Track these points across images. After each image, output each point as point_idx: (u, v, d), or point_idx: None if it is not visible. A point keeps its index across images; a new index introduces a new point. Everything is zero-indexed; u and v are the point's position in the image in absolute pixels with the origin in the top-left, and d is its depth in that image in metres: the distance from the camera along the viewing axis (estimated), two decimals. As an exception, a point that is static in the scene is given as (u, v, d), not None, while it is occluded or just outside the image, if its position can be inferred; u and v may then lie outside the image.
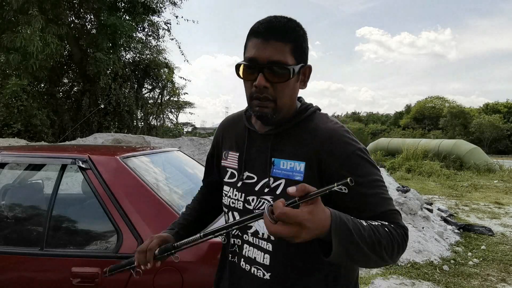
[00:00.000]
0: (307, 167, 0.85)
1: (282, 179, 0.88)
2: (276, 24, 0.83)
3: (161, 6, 13.79)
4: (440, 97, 44.88)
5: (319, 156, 0.85)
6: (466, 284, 3.58)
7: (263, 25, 0.84)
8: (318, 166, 0.85)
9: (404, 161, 14.38)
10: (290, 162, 0.87)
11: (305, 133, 0.89)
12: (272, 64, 0.82)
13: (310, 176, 0.85)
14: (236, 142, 1.00)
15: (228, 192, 0.99)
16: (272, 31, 0.82)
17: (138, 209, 1.59)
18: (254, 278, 0.91)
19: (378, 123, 50.88)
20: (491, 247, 4.73)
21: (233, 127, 1.04)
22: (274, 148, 0.91)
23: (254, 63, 0.83)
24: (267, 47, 0.82)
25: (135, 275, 0.99)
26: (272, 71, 0.82)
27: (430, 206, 6.32)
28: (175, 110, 20.67)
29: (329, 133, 0.86)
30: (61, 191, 1.84)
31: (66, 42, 12.05)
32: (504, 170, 14.03)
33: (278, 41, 0.82)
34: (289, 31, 0.84)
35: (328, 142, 0.85)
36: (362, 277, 3.62)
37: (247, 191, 0.94)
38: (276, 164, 0.89)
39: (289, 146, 0.89)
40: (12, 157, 1.92)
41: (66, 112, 13.13)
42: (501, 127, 34.17)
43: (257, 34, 0.84)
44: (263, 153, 0.92)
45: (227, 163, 1.01)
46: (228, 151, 1.02)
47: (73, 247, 1.77)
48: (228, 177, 1.00)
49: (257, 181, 0.92)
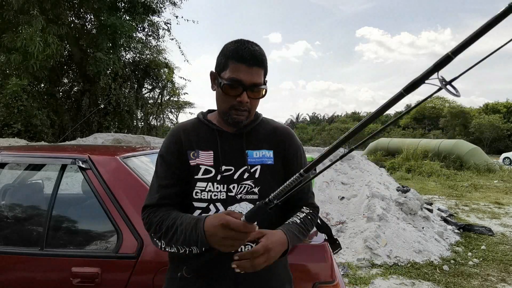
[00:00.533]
0: (275, 154, 1.17)
1: (258, 165, 1.14)
2: (256, 53, 1.06)
3: (161, 6, 13.81)
4: (440, 97, 44.84)
5: (283, 145, 1.19)
6: (466, 284, 3.58)
7: (247, 53, 1.05)
8: (282, 152, 1.18)
9: (404, 161, 14.39)
10: (261, 152, 1.16)
11: (267, 131, 1.20)
12: (254, 85, 1.07)
13: (277, 160, 1.17)
14: (205, 142, 1.15)
15: (205, 187, 1.10)
16: (254, 59, 1.06)
17: (138, 209, 1.59)
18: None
19: (378, 123, 50.88)
20: (491, 247, 4.73)
21: (193, 131, 1.17)
22: (247, 142, 1.15)
23: (239, 83, 1.06)
24: (251, 72, 1.06)
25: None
26: (252, 91, 1.08)
27: (430, 206, 6.32)
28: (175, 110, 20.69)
29: (286, 130, 1.23)
30: (61, 191, 1.83)
31: (66, 42, 12.06)
32: (504, 170, 14.04)
33: (258, 67, 1.07)
34: (263, 59, 1.09)
35: (288, 136, 1.21)
36: (362, 277, 3.62)
37: (227, 182, 1.11)
38: (250, 154, 1.14)
39: (257, 140, 1.17)
40: (12, 157, 1.92)
41: (66, 112, 13.14)
42: (501, 127, 34.15)
43: (242, 60, 1.05)
44: (237, 147, 1.14)
45: (200, 161, 1.13)
46: (196, 151, 1.14)
47: (73, 247, 1.77)
48: (202, 174, 1.11)
49: (234, 171, 1.12)
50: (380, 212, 4.72)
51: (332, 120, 55.26)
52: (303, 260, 1.51)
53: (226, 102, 1.09)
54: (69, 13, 12.56)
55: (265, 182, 1.12)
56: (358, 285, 3.48)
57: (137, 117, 15.06)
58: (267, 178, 1.13)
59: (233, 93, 1.07)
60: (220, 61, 1.10)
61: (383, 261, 3.96)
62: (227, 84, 1.06)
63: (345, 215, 5.11)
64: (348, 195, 5.70)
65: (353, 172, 6.59)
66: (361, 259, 3.98)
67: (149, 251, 1.52)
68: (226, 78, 1.06)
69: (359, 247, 4.21)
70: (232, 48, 1.07)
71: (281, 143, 1.19)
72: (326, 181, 6.15)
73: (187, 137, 1.16)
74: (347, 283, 3.51)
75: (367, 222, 4.63)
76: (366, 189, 5.62)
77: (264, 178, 1.13)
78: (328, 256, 1.53)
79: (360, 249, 4.17)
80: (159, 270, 1.46)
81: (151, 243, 1.12)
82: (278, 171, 1.16)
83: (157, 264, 1.47)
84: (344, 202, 5.52)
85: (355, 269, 3.81)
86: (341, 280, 1.61)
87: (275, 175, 1.15)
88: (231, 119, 1.11)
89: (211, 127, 1.17)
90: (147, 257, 1.52)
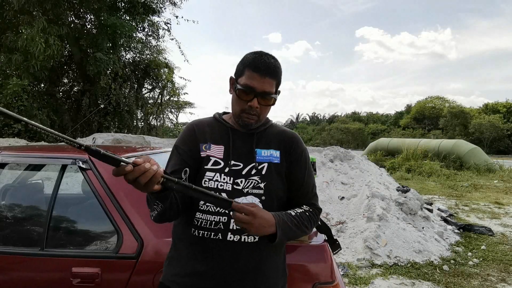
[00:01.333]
0: (282, 154, 1.27)
1: (265, 163, 1.23)
2: (271, 65, 1.18)
3: (161, 6, 13.81)
4: (440, 97, 44.87)
5: (289, 147, 1.29)
6: (466, 284, 3.59)
7: (262, 64, 1.17)
8: (288, 153, 1.28)
9: (404, 161, 14.39)
10: (269, 151, 1.26)
11: (275, 134, 1.31)
12: (264, 94, 1.18)
13: (283, 159, 1.26)
14: (218, 137, 1.26)
15: (213, 176, 1.19)
16: (268, 70, 1.17)
17: (138, 209, 1.60)
18: (244, 244, 1.16)
19: (378, 123, 50.89)
20: (491, 247, 4.73)
21: (207, 127, 1.29)
22: (257, 142, 1.26)
23: (251, 90, 1.17)
24: (263, 82, 1.17)
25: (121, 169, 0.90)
26: (263, 98, 1.19)
27: (430, 206, 6.32)
28: (175, 110, 20.70)
29: (293, 134, 1.34)
30: (61, 191, 1.84)
31: (66, 42, 12.05)
32: (504, 170, 14.04)
33: (271, 78, 1.18)
34: (277, 71, 1.20)
35: (294, 140, 1.31)
36: (362, 277, 3.62)
37: (235, 175, 1.20)
38: (258, 153, 1.24)
39: (266, 140, 1.28)
40: (12, 157, 1.92)
41: (66, 112, 13.14)
42: (501, 127, 34.16)
43: (257, 70, 1.17)
44: (247, 145, 1.25)
45: (210, 153, 1.23)
46: (209, 144, 1.24)
47: (73, 247, 1.77)
48: (211, 164, 1.21)
49: (243, 167, 1.21)
50: (380, 212, 4.72)
51: (332, 120, 55.28)
52: (303, 261, 1.51)
53: (239, 105, 1.21)
54: (69, 13, 12.56)
55: (271, 178, 1.21)
56: (358, 285, 3.48)
57: (137, 117, 15.08)
58: (272, 175, 1.22)
59: (245, 98, 1.19)
60: (239, 68, 1.22)
61: (383, 261, 3.96)
62: (241, 89, 1.19)
63: (345, 215, 5.12)
64: (348, 195, 5.70)
65: (353, 172, 6.59)
66: (361, 259, 3.98)
67: (149, 251, 1.52)
68: (242, 84, 1.19)
69: (359, 247, 4.21)
70: (250, 58, 1.19)
71: (288, 145, 1.29)
72: (326, 181, 6.15)
73: (201, 131, 1.27)
74: (347, 283, 3.52)
75: (367, 222, 4.63)
76: (366, 189, 5.63)
77: (270, 175, 1.22)
78: (328, 256, 1.53)
79: (360, 249, 4.17)
80: (159, 270, 1.46)
81: (151, 243, 1.13)
82: (283, 170, 1.25)
83: (157, 264, 1.47)
84: (344, 202, 5.52)
85: (355, 269, 3.82)
86: (341, 280, 1.62)
87: (280, 173, 1.24)
88: (242, 121, 1.22)
89: (226, 125, 1.28)
90: (147, 257, 1.52)
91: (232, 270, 1.15)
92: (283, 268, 1.29)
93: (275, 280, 1.24)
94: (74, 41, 12.52)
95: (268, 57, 1.20)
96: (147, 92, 16.46)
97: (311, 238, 1.62)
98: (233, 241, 1.15)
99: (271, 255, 1.22)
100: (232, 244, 1.15)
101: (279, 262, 1.26)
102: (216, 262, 1.16)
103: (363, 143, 38.54)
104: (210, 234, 1.16)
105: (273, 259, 1.22)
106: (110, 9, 12.37)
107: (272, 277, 1.22)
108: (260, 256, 1.18)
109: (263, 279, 1.19)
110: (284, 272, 1.30)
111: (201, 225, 1.17)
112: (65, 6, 11.79)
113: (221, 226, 1.16)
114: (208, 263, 1.16)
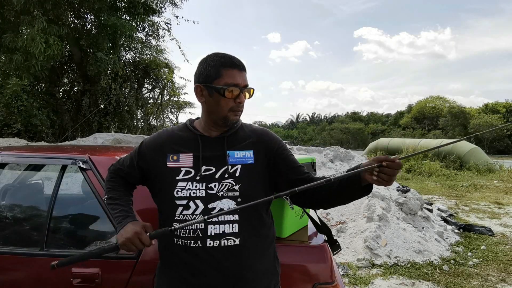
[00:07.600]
0: (255, 153, 1.25)
1: (238, 165, 1.22)
2: (240, 60, 1.23)
3: (161, 6, 13.79)
4: (440, 97, 44.84)
5: (262, 143, 1.28)
6: (466, 284, 3.58)
7: (236, 60, 1.21)
8: (263, 150, 1.27)
9: (404, 161, 14.38)
10: (242, 152, 1.24)
11: (247, 133, 1.30)
12: (247, 87, 1.22)
13: (258, 158, 1.25)
14: (187, 146, 1.25)
15: (185, 186, 1.19)
16: (242, 64, 1.23)
17: (138, 209, 1.59)
18: (225, 248, 1.15)
19: (378, 123, 50.87)
20: (491, 247, 4.73)
21: (177, 135, 1.29)
22: (228, 145, 1.24)
23: (236, 86, 1.19)
24: (242, 76, 1.21)
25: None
26: (247, 91, 1.23)
27: (430, 206, 6.32)
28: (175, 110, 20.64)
29: (264, 130, 1.35)
30: (61, 191, 1.83)
31: (66, 42, 12.04)
32: (504, 170, 14.03)
33: (245, 71, 1.23)
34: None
35: (266, 137, 1.31)
36: (362, 277, 3.62)
37: (208, 180, 1.19)
38: (231, 155, 1.23)
39: (238, 142, 1.26)
40: (12, 157, 1.91)
41: (66, 112, 13.13)
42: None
43: (234, 66, 1.20)
44: (218, 149, 1.23)
45: (180, 164, 1.23)
46: (177, 154, 1.24)
47: (73, 247, 1.77)
48: (183, 175, 1.21)
49: (216, 171, 1.20)
50: (380, 212, 4.72)
51: (332, 120, 55.26)
52: (303, 261, 1.51)
53: (226, 105, 1.20)
54: (70, 13, 12.55)
55: (245, 180, 1.20)
56: (358, 285, 3.48)
57: (137, 117, 15.05)
58: (247, 176, 1.21)
59: (232, 96, 1.19)
60: (208, 73, 1.20)
61: (383, 261, 3.96)
62: (225, 88, 1.18)
63: (345, 215, 5.11)
64: (348, 195, 5.68)
65: (353, 172, 6.57)
66: (361, 259, 3.98)
67: (149, 251, 1.52)
68: (224, 84, 1.18)
69: (359, 247, 4.21)
70: (220, 59, 1.21)
71: (260, 142, 1.28)
72: (326, 181, 6.14)
73: (170, 140, 1.27)
74: (347, 283, 3.52)
75: (367, 222, 4.63)
76: (366, 189, 5.61)
77: (244, 177, 1.20)
78: (328, 257, 1.53)
79: (360, 249, 4.17)
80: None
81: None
82: (259, 170, 1.24)
83: (157, 264, 1.47)
84: (344, 202, 5.51)
85: (355, 269, 3.82)
86: (341, 281, 1.62)
87: (255, 173, 1.23)
88: (230, 121, 1.23)
89: (195, 133, 1.27)
90: (147, 257, 1.52)
91: (218, 275, 1.15)
92: (273, 267, 1.28)
93: (263, 281, 1.22)
94: (74, 41, 12.51)
95: (233, 55, 1.25)
96: (147, 92, 16.45)
97: (311, 238, 1.62)
98: (213, 247, 1.15)
99: (254, 257, 1.20)
100: (213, 250, 1.15)
101: (265, 263, 1.24)
102: (199, 270, 1.16)
103: (363, 143, 38.54)
104: (190, 242, 1.16)
105: (258, 260, 1.21)
106: (110, 9, 12.35)
107: (259, 278, 1.21)
108: (242, 259, 1.17)
109: (248, 281, 1.18)
110: (275, 271, 1.29)
111: (180, 234, 1.17)
112: (65, 6, 11.77)
113: (199, 233, 1.16)
114: (193, 272, 1.16)
